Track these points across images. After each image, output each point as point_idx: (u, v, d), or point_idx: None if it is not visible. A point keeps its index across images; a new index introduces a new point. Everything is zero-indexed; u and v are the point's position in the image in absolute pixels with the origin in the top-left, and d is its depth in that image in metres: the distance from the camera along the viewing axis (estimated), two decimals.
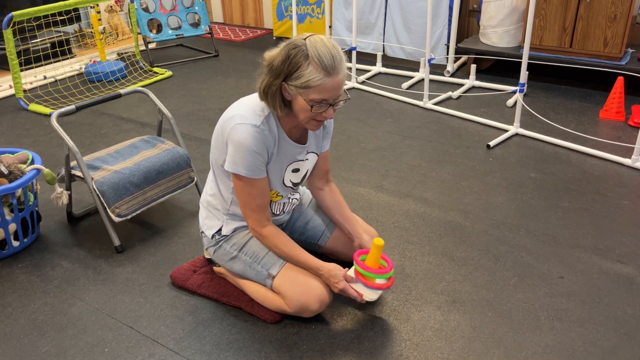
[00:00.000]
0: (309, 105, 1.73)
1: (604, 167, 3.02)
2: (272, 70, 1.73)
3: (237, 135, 1.78)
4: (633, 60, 3.92)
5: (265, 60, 1.76)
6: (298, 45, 1.69)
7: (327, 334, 1.94)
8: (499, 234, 2.48)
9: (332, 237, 2.17)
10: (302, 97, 1.72)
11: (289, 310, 1.94)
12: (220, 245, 2.04)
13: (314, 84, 1.68)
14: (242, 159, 1.80)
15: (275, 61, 1.71)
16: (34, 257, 2.41)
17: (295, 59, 1.68)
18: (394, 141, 3.41)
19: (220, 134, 1.87)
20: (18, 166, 2.41)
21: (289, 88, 1.72)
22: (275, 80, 1.73)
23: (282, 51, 1.71)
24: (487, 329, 1.95)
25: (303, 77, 1.68)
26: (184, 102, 4.15)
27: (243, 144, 1.78)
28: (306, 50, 1.68)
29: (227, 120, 1.84)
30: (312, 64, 1.67)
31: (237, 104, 1.88)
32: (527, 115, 3.69)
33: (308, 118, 1.78)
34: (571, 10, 3.89)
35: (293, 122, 1.87)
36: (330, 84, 1.70)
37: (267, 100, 1.79)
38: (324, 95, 1.71)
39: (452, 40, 4.51)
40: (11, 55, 3.89)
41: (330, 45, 1.70)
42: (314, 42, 1.69)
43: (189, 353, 1.87)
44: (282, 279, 1.93)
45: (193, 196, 2.85)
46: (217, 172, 1.99)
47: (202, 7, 5.24)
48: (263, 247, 1.99)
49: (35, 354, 1.89)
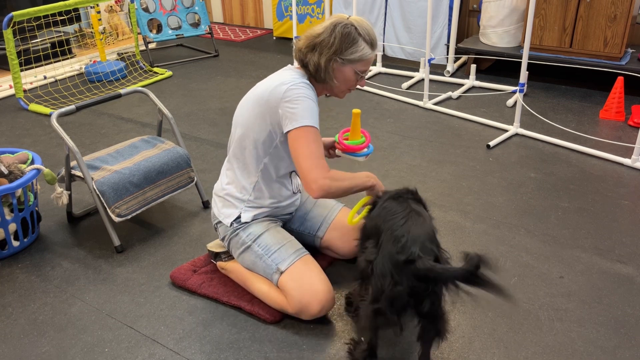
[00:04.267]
0: (357, 75, 1.96)
1: (604, 167, 3.02)
2: (330, 47, 1.90)
3: (296, 93, 1.88)
4: (633, 60, 3.92)
5: (313, 38, 1.92)
6: (347, 24, 1.90)
7: (327, 334, 1.94)
8: (499, 234, 2.48)
9: (330, 228, 2.21)
10: (352, 68, 1.94)
11: (289, 309, 1.94)
12: (237, 233, 2.05)
13: (365, 57, 1.93)
14: (306, 111, 1.88)
15: (330, 39, 1.90)
16: (34, 257, 2.41)
17: (352, 36, 1.90)
18: (394, 141, 3.41)
19: (264, 108, 1.92)
20: (18, 166, 2.41)
21: (340, 61, 1.92)
22: (332, 55, 1.91)
23: (334, 30, 1.89)
24: (487, 329, 1.95)
25: (358, 51, 1.91)
26: (184, 102, 4.15)
27: (305, 97, 1.89)
28: (357, 29, 1.90)
29: (274, 90, 1.91)
30: (364, 41, 1.91)
31: (272, 79, 1.96)
32: (527, 115, 3.69)
33: (346, 88, 2.00)
34: (571, 10, 3.89)
35: (320, 92, 2.05)
36: (372, 57, 1.97)
37: (324, 73, 1.93)
38: (366, 66, 1.97)
39: (452, 40, 4.51)
40: (11, 55, 3.89)
41: (369, 24, 1.97)
42: (358, 21, 1.92)
43: (189, 353, 1.87)
44: (289, 276, 1.94)
45: (193, 196, 2.85)
46: (245, 156, 2.01)
47: (202, 7, 5.24)
48: (276, 242, 2.01)
49: (35, 354, 1.89)
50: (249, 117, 1.97)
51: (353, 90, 2.04)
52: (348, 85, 1.99)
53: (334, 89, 2.00)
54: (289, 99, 1.87)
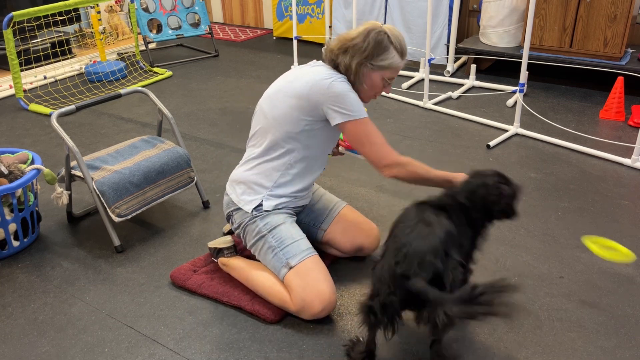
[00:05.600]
0: (384, 82, 2.02)
1: (604, 167, 3.02)
2: (362, 51, 1.95)
3: (339, 88, 1.93)
4: (633, 60, 3.92)
5: (347, 42, 1.97)
6: (381, 31, 1.96)
7: (327, 334, 1.94)
8: (499, 234, 2.48)
9: (334, 222, 2.24)
10: (380, 75, 1.99)
11: (291, 306, 1.94)
12: (254, 221, 2.05)
13: (394, 65, 1.99)
14: (353, 104, 1.94)
15: (364, 44, 1.95)
16: (34, 257, 2.41)
17: (384, 43, 1.95)
18: (394, 141, 3.41)
19: (305, 98, 1.95)
20: (18, 166, 2.42)
21: (370, 67, 1.97)
22: (364, 60, 1.96)
23: (369, 36, 1.95)
24: (487, 329, 1.95)
25: (388, 59, 1.97)
26: (184, 102, 4.15)
27: (350, 91, 1.95)
28: (389, 37, 1.96)
29: (316, 84, 1.94)
30: (395, 49, 1.97)
31: (310, 73, 1.98)
32: (527, 115, 3.69)
33: (373, 93, 2.05)
34: (571, 10, 3.89)
35: None
36: (401, 66, 2.02)
37: (354, 76, 1.98)
38: (394, 74, 2.03)
39: (452, 40, 4.51)
40: (11, 55, 3.89)
41: (400, 33, 2.01)
42: (391, 30, 1.98)
43: (189, 353, 1.88)
44: (297, 272, 1.94)
45: (193, 196, 2.85)
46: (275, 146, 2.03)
47: (202, 7, 5.24)
48: (290, 236, 2.02)
49: (35, 354, 1.89)
50: (282, 110, 1.99)
51: (378, 95, 2.08)
52: (374, 91, 2.04)
53: (360, 92, 2.03)
54: (334, 94, 1.92)
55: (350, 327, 1.96)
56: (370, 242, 2.26)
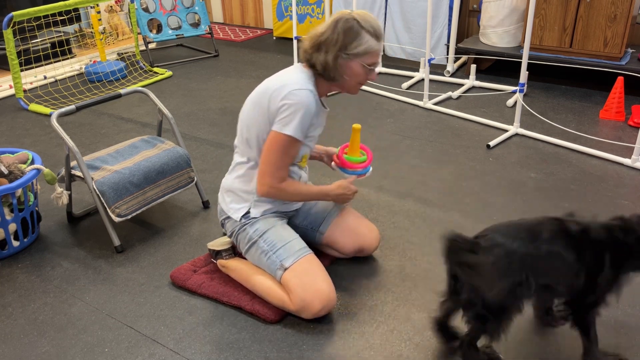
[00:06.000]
0: (366, 68, 1.95)
1: (604, 167, 3.02)
2: (334, 44, 1.90)
3: (296, 98, 1.89)
4: (633, 60, 3.92)
5: (317, 37, 1.93)
6: (349, 19, 1.90)
7: (327, 334, 1.94)
8: None
9: (333, 224, 2.22)
10: (359, 62, 1.93)
11: (291, 307, 1.94)
12: (244, 229, 2.06)
13: (371, 49, 1.93)
14: (298, 120, 1.90)
15: (334, 35, 1.90)
16: (34, 257, 2.41)
17: (354, 30, 1.90)
18: (394, 141, 3.41)
19: (266, 106, 1.94)
20: (18, 166, 2.41)
21: (346, 57, 1.92)
22: (338, 52, 1.91)
23: (337, 26, 1.90)
24: None
25: (362, 44, 1.91)
26: (184, 102, 4.15)
27: (304, 106, 1.90)
28: (359, 22, 1.90)
29: (277, 90, 1.92)
30: (367, 33, 1.91)
31: (278, 77, 1.98)
32: (527, 115, 3.69)
33: (357, 83, 1.99)
34: (571, 10, 3.89)
35: (329, 90, 2.06)
36: (379, 48, 1.96)
37: (331, 72, 1.94)
38: (375, 58, 1.96)
39: (452, 40, 4.51)
40: (11, 55, 3.89)
41: (373, 16, 1.96)
42: (360, 14, 1.92)
43: (189, 353, 1.88)
44: (293, 273, 1.94)
45: (193, 196, 2.85)
46: (252, 151, 2.03)
47: (202, 7, 5.24)
48: (282, 239, 2.01)
49: (35, 354, 1.89)
50: (253, 114, 1.99)
51: (364, 84, 2.04)
52: (358, 80, 1.99)
53: (345, 85, 2.00)
54: (287, 102, 1.90)
55: (350, 327, 1.96)
56: (370, 242, 2.25)
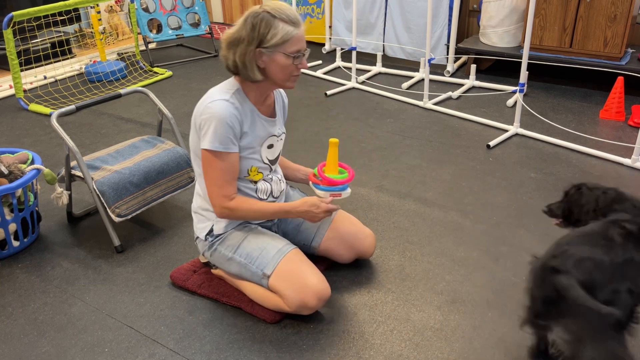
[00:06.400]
0: (290, 58, 1.85)
1: (604, 167, 3.02)
2: (243, 41, 1.84)
3: (209, 112, 1.85)
4: (633, 60, 3.92)
5: (229, 37, 1.87)
6: (259, 12, 1.83)
7: (327, 334, 1.94)
8: (499, 234, 2.48)
9: (326, 238, 2.18)
10: (281, 53, 1.84)
11: (288, 309, 1.94)
12: (215, 248, 2.04)
13: (289, 36, 1.83)
14: (215, 132, 1.85)
15: (243, 32, 1.84)
16: (34, 257, 2.41)
17: (264, 22, 1.82)
18: (394, 141, 3.41)
19: (193, 122, 1.94)
20: (18, 166, 2.41)
21: (265, 52, 1.84)
22: (249, 48, 1.83)
23: (246, 22, 1.84)
24: (487, 329, 1.95)
25: (278, 34, 1.82)
26: (184, 102, 4.15)
27: (216, 116, 1.84)
28: (270, 13, 1.82)
29: (198, 106, 1.92)
30: (281, 21, 1.82)
31: (206, 94, 1.94)
32: (527, 115, 3.69)
33: (288, 75, 1.89)
34: (571, 10, 3.89)
35: (262, 93, 1.96)
36: (300, 34, 1.86)
37: (245, 71, 1.87)
38: (299, 45, 1.86)
39: (452, 40, 4.51)
40: (11, 55, 3.89)
41: (287, 5, 1.88)
42: (272, 5, 1.85)
43: (189, 353, 1.88)
44: (277, 278, 1.93)
45: (193, 196, 2.84)
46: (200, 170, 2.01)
47: (202, 7, 5.24)
48: (256, 247, 1.98)
49: (35, 354, 1.89)
50: (192, 137, 1.98)
51: (297, 75, 1.91)
52: (287, 71, 1.88)
53: (275, 81, 1.90)
54: (203, 118, 1.87)
55: (350, 327, 1.96)
56: (367, 248, 2.22)
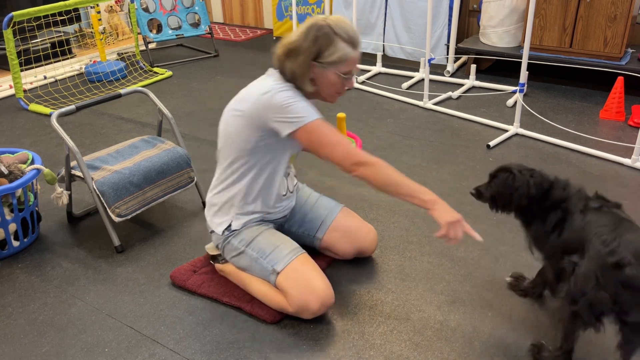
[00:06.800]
0: (341, 77, 1.88)
1: (604, 167, 3.02)
2: (302, 52, 1.84)
3: (280, 99, 1.83)
4: (633, 60, 3.92)
5: (288, 45, 1.87)
6: (322, 26, 1.83)
7: (327, 334, 1.94)
8: (499, 234, 2.48)
9: (330, 230, 2.20)
10: (334, 71, 1.87)
11: (289, 309, 1.94)
12: (229, 241, 2.05)
13: (346, 58, 1.85)
14: (299, 110, 1.83)
15: (304, 43, 1.84)
16: (34, 257, 2.41)
17: (326, 38, 1.83)
18: (394, 141, 3.41)
19: (250, 116, 1.88)
20: (18, 166, 2.42)
21: (319, 66, 1.85)
22: (307, 61, 1.84)
23: (308, 33, 1.84)
24: (487, 329, 1.95)
25: (336, 52, 1.84)
26: (184, 102, 4.15)
27: (294, 98, 1.84)
28: (333, 29, 1.83)
29: (257, 100, 1.87)
30: (342, 41, 1.84)
31: (255, 87, 1.92)
32: (527, 115, 3.69)
33: (334, 91, 1.93)
34: (571, 10, 3.89)
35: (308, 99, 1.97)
36: (357, 56, 1.89)
37: (299, 80, 1.88)
38: (351, 67, 1.89)
39: (452, 40, 4.51)
40: (11, 55, 3.89)
41: (349, 22, 1.88)
42: (335, 20, 1.85)
43: (189, 353, 1.88)
44: (287, 276, 1.93)
45: (193, 196, 2.85)
46: (232, 165, 1.99)
47: (202, 7, 5.24)
48: (270, 244, 2.00)
49: (35, 354, 1.89)
50: (232, 127, 1.94)
51: (342, 93, 1.96)
52: (334, 89, 1.92)
53: (320, 94, 1.94)
54: (276, 106, 1.83)
55: (350, 327, 1.96)
56: (368, 245, 2.24)
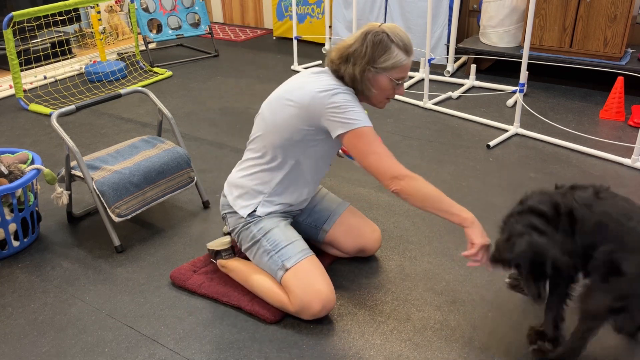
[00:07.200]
0: (393, 83, 1.94)
1: (604, 167, 3.02)
2: (362, 57, 1.89)
3: (340, 100, 1.87)
4: (633, 60, 3.92)
5: (345, 50, 1.92)
6: (379, 32, 1.89)
7: (327, 334, 1.94)
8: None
9: (337, 223, 2.22)
10: (387, 77, 1.92)
11: (290, 308, 1.94)
12: (248, 227, 2.05)
13: (400, 64, 1.91)
14: (355, 114, 1.87)
15: (362, 49, 1.89)
16: (34, 257, 2.41)
17: (383, 44, 1.88)
18: (394, 141, 3.41)
19: (304, 109, 1.90)
20: (18, 166, 2.42)
21: (374, 71, 1.91)
22: (366, 65, 1.90)
23: (366, 39, 1.89)
24: (487, 329, 1.95)
25: (391, 59, 1.89)
26: (184, 102, 4.15)
27: (352, 102, 1.89)
28: (389, 36, 1.89)
29: (316, 96, 1.88)
30: (397, 47, 1.90)
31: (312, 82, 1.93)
32: (527, 115, 3.69)
33: (384, 97, 1.98)
34: (571, 10, 3.89)
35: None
36: (409, 63, 1.95)
37: (360, 84, 1.93)
38: (403, 73, 1.95)
39: (452, 40, 4.51)
40: (11, 55, 3.89)
41: (403, 30, 1.94)
42: (390, 28, 1.91)
43: (189, 353, 1.88)
44: (294, 273, 1.94)
45: (193, 196, 2.85)
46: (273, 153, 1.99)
47: (202, 7, 5.24)
48: (285, 238, 2.01)
49: (35, 354, 1.89)
50: (282, 117, 1.94)
51: (391, 99, 2.01)
52: (386, 95, 1.97)
53: (371, 98, 1.98)
54: (334, 105, 1.86)
55: (350, 327, 1.96)
56: (372, 243, 2.25)
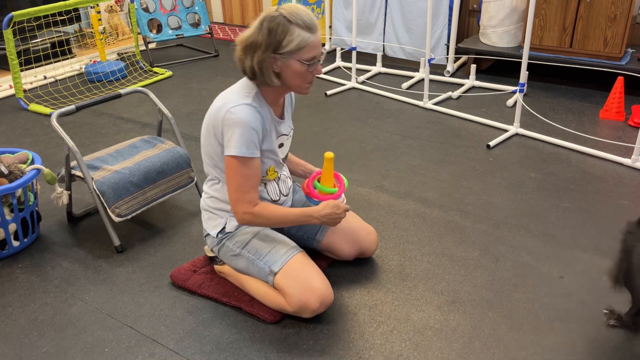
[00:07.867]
0: (305, 65, 1.83)
1: (604, 167, 3.02)
2: (259, 46, 1.82)
3: (233, 117, 1.83)
4: (633, 60, 3.92)
5: (244, 41, 1.86)
6: (275, 16, 1.80)
7: (327, 334, 1.94)
8: (499, 234, 2.48)
9: (330, 232, 2.19)
10: (296, 60, 1.82)
11: (289, 308, 1.94)
12: (223, 244, 2.05)
13: (304, 43, 1.81)
14: (242, 137, 1.83)
15: (259, 37, 1.81)
16: (34, 257, 2.41)
17: (280, 28, 1.79)
18: (394, 141, 3.41)
19: (212, 127, 1.91)
20: (18, 166, 2.42)
21: (280, 58, 1.82)
22: (265, 54, 1.81)
23: (262, 26, 1.82)
24: (487, 329, 1.95)
25: (294, 40, 1.80)
26: (184, 102, 4.15)
27: (241, 122, 1.83)
28: (286, 17, 1.79)
29: (217, 111, 1.88)
30: (298, 27, 1.80)
31: (221, 96, 1.93)
32: (527, 115, 3.69)
33: (302, 82, 1.88)
34: (571, 10, 3.89)
35: (278, 96, 1.95)
36: (316, 40, 1.84)
37: (262, 76, 1.85)
38: (314, 52, 1.84)
39: (452, 40, 4.51)
40: (11, 55, 3.89)
41: (303, 8, 1.84)
42: (288, 9, 1.82)
43: (189, 353, 1.88)
44: (284, 276, 1.93)
45: (193, 196, 2.85)
46: (215, 170, 2.01)
47: (202, 7, 5.24)
48: (266, 245, 2.00)
49: (35, 354, 1.89)
50: (206, 133, 1.96)
51: (312, 81, 1.92)
52: (302, 78, 1.87)
53: (289, 87, 1.90)
54: (226, 124, 1.85)
55: (350, 327, 1.96)
56: (369, 245, 2.24)
